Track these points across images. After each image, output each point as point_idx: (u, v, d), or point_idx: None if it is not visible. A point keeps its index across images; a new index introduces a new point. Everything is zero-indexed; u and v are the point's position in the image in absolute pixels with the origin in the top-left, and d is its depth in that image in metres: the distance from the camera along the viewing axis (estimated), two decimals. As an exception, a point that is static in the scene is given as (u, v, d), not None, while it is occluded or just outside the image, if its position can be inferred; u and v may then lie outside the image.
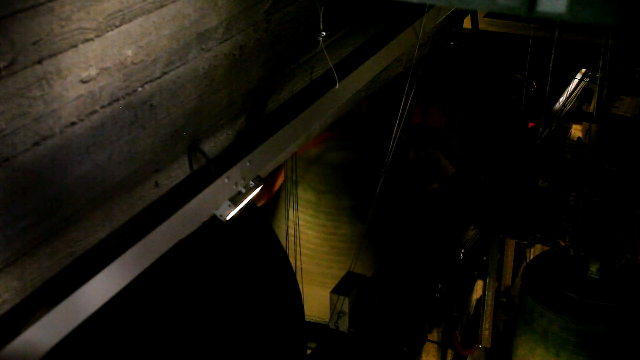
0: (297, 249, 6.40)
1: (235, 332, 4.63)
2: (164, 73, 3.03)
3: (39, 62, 2.40)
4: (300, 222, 7.01)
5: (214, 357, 4.42)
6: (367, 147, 8.07)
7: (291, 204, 6.87)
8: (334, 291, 6.77)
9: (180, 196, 3.26)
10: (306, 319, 6.04)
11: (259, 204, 8.00)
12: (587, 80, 8.42)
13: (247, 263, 4.92)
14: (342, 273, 6.53)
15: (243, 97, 3.70)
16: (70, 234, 2.80)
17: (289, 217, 6.51)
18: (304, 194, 7.78)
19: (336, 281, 6.29)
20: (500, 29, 8.73)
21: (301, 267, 6.49)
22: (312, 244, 7.92)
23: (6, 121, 2.35)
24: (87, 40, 2.57)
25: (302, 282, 6.10)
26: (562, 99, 8.11)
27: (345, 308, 6.65)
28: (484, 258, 7.86)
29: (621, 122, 7.95)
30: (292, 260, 6.03)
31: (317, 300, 7.28)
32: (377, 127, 8.25)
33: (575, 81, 8.38)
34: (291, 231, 6.53)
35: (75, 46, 2.52)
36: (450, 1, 2.20)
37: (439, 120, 8.65)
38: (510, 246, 8.87)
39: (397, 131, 5.20)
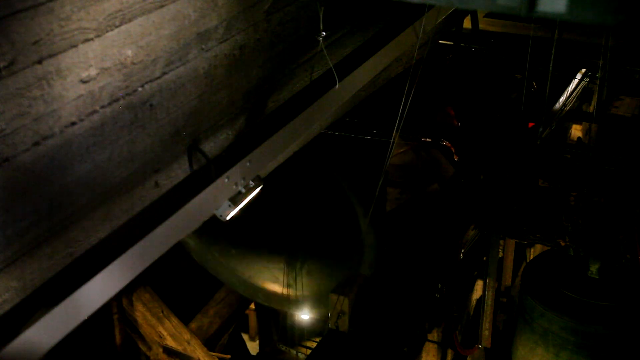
0: None
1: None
2: (164, 73, 3.03)
3: (39, 62, 2.40)
4: None
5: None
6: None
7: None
8: (334, 291, 6.78)
9: (180, 196, 3.26)
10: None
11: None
12: (587, 80, 8.42)
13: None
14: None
15: (243, 97, 3.70)
16: (70, 234, 2.80)
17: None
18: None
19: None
20: (500, 29, 8.73)
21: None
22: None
23: (6, 121, 2.35)
24: (87, 40, 2.57)
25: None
26: (562, 99, 8.11)
27: (345, 308, 6.66)
28: (484, 258, 7.86)
29: (621, 122, 7.95)
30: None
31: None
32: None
33: (575, 81, 8.38)
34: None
35: (75, 46, 2.52)
36: (450, 1, 2.20)
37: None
38: (510, 246, 8.87)
39: (396, 132, 5.19)
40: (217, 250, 8.27)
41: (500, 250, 8.18)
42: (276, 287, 8.36)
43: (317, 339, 8.67)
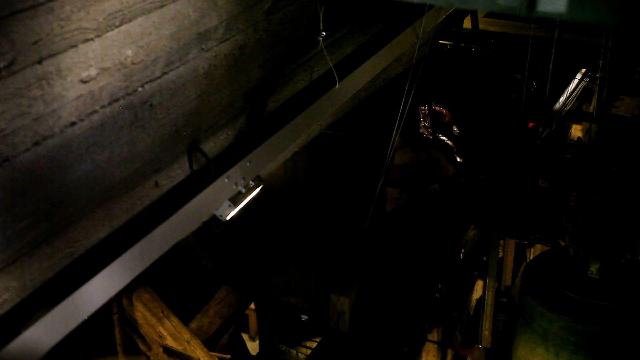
0: None
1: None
2: (164, 73, 3.03)
3: (39, 62, 2.40)
4: None
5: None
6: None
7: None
8: (334, 291, 6.78)
9: (180, 196, 3.26)
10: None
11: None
12: (587, 80, 8.42)
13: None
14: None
15: (243, 97, 3.70)
16: (70, 234, 2.80)
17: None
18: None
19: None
20: (500, 29, 8.73)
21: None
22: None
23: (6, 121, 2.35)
24: (87, 40, 2.57)
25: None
26: (562, 99, 8.12)
27: (345, 308, 6.67)
28: (484, 258, 7.86)
29: (621, 122, 7.95)
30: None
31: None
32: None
33: (575, 81, 8.38)
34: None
35: (75, 46, 2.52)
36: (450, 1, 2.20)
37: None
38: (510, 246, 8.87)
39: (396, 131, 5.20)
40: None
41: (500, 250, 8.18)
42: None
43: (317, 339, 8.67)
